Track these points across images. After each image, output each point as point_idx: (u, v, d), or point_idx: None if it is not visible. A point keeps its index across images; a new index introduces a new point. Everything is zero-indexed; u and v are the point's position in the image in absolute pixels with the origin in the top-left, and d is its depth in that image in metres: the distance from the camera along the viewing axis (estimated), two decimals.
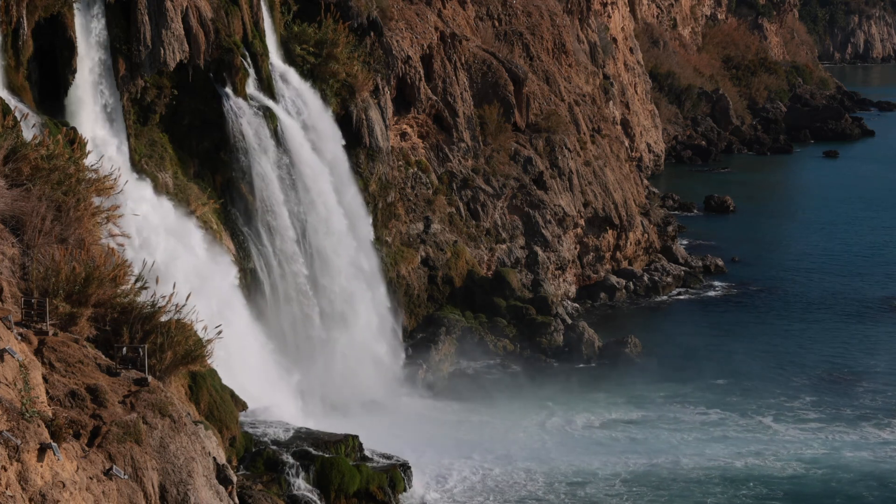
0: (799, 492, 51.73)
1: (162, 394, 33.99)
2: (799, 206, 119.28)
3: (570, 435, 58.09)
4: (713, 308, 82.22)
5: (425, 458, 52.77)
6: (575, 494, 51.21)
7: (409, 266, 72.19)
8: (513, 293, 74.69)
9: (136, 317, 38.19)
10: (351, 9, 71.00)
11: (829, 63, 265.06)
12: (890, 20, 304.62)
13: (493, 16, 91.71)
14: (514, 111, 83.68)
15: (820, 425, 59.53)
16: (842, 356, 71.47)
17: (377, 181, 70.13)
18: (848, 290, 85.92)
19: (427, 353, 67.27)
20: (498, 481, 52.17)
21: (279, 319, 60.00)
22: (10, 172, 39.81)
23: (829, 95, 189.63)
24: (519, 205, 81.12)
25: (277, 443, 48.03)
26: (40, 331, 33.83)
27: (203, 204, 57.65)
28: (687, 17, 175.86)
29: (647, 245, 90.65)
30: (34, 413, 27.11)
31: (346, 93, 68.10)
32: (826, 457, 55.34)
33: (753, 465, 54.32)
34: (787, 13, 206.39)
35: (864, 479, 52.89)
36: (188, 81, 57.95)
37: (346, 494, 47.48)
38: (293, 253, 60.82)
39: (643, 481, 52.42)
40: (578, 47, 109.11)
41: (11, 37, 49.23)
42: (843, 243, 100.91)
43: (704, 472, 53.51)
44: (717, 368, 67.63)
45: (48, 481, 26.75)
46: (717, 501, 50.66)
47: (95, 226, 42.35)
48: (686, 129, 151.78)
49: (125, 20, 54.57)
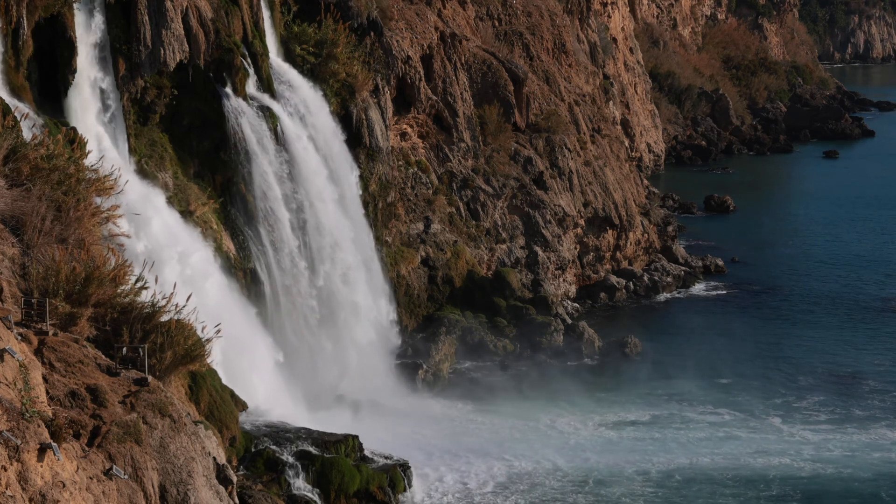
0: (816, 492, 51.60)
1: (162, 394, 33.99)
2: (799, 206, 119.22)
3: (575, 435, 57.93)
4: (713, 308, 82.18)
5: (425, 459, 52.75)
6: (595, 494, 50.95)
7: (409, 266, 72.20)
8: (513, 293, 74.68)
9: (136, 317, 38.19)
10: (351, 9, 71.03)
11: (829, 63, 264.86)
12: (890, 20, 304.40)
13: (493, 16, 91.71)
14: (514, 111, 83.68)
15: (831, 426, 59.37)
16: (845, 356, 71.41)
17: (377, 181, 70.13)
18: (848, 290, 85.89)
19: (427, 353, 67.26)
20: (501, 482, 52.03)
21: (279, 319, 59.98)
22: (10, 172, 39.82)
23: (829, 95, 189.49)
24: (519, 205, 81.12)
25: (277, 443, 48.03)
26: (40, 331, 33.82)
27: (203, 204, 57.65)
28: (687, 17, 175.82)
29: (647, 245, 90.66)
30: (34, 413, 27.10)
31: (346, 93, 68.11)
32: (841, 458, 55.10)
33: (769, 465, 54.17)
34: (787, 13, 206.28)
35: (880, 480, 52.76)
36: (188, 81, 57.94)
37: (346, 494, 47.50)
38: (293, 253, 60.80)
39: (659, 482, 52.29)
40: (578, 47, 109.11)
41: (11, 37, 49.22)
42: (844, 243, 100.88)
43: (719, 472, 53.34)
44: (719, 368, 67.57)
45: (48, 481, 26.75)
46: (738, 501, 50.55)
47: (95, 226, 42.35)
48: (686, 129, 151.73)
49: (125, 20, 54.56)
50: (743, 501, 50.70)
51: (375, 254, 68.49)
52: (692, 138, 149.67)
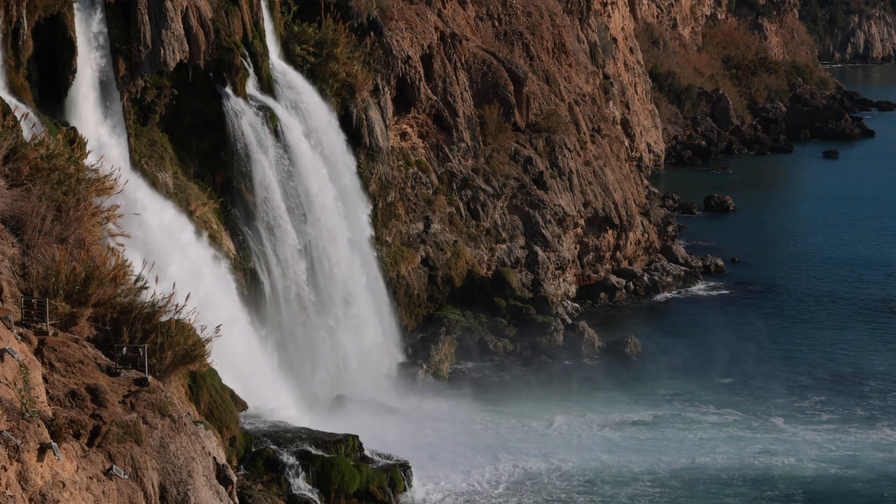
0: (820, 492, 51.56)
1: (162, 394, 33.98)
2: (799, 206, 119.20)
3: (576, 435, 57.85)
4: (713, 308, 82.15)
5: (425, 459, 52.69)
6: (601, 495, 50.88)
7: (409, 266, 72.19)
8: (513, 293, 74.67)
9: (136, 317, 38.17)
10: (351, 9, 71.02)
11: (829, 63, 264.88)
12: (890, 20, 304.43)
13: (493, 16, 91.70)
14: (514, 111, 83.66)
15: (833, 426, 59.32)
16: (845, 356, 71.39)
17: (377, 181, 70.12)
18: (848, 290, 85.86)
19: (427, 353, 67.25)
20: (503, 482, 51.95)
21: (279, 318, 59.96)
22: (10, 172, 39.82)
23: (829, 95, 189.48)
24: (519, 205, 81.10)
25: (277, 443, 48.00)
26: (40, 331, 33.81)
27: (203, 204, 57.64)
28: (687, 17, 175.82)
29: (647, 245, 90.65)
30: (34, 413, 27.09)
31: (346, 93, 68.11)
32: (844, 458, 55.05)
33: (772, 465, 54.14)
34: (787, 13, 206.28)
35: (883, 480, 52.70)
36: (188, 81, 57.94)
37: (346, 494, 47.47)
38: (293, 252, 60.79)
39: (664, 482, 52.21)
40: (578, 47, 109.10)
41: (11, 37, 49.22)
42: (844, 243, 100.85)
43: (724, 472, 53.28)
44: (720, 368, 67.56)
45: (48, 481, 26.74)
46: (742, 501, 50.54)
47: (95, 226, 42.34)
48: (686, 129, 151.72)
49: (125, 20, 54.56)
50: (748, 501, 50.65)
51: (375, 253, 68.47)
52: (692, 138, 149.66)
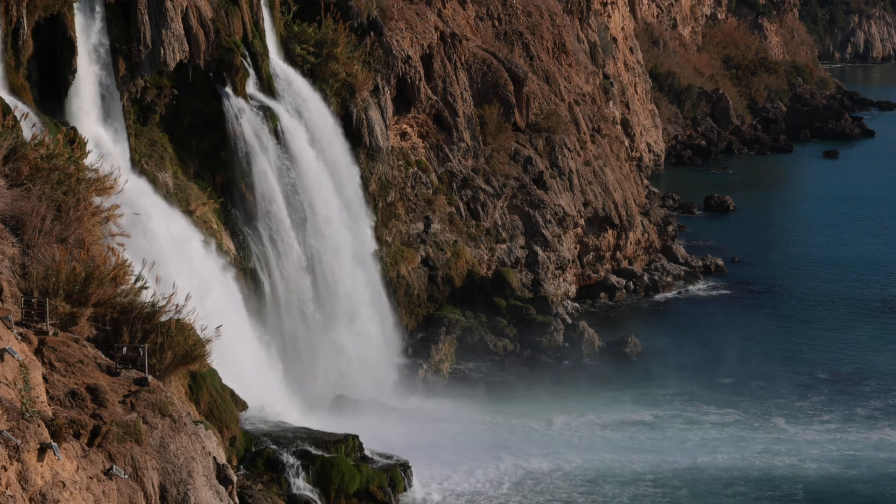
0: (821, 492, 51.57)
1: (162, 394, 33.97)
2: (799, 206, 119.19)
3: (577, 435, 57.83)
4: (713, 308, 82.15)
5: (425, 459, 52.65)
6: (601, 495, 50.85)
7: (409, 266, 72.18)
8: (513, 293, 74.65)
9: (136, 316, 38.18)
10: (351, 8, 71.02)
11: (829, 63, 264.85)
12: (890, 20, 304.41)
13: (493, 16, 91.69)
14: (514, 111, 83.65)
15: (834, 426, 59.35)
16: (845, 356, 71.38)
17: (377, 181, 70.13)
18: (848, 290, 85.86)
19: (427, 353, 67.25)
20: (503, 482, 51.91)
21: (279, 318, 59.96)
22: (10, 172, 39.82)
23: (829, 95, 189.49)
24: (519, 205, 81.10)
25: (277, 443, 48.01)
26: (40, 331, 33.81)
27: (203, 204, 57.63)
28: (687, 17, 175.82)
29: (647, 245, 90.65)
30: (34, 413, 27.09)
31: (346, 93, 68.10)
32: (845, 458, 55.05)
33: (774, 465, 54.17)
34: (787, 13, 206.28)
35: (884, 480, 52.71)
36: (188, 81, 57.94)
37: (346, 494, 47.47)
38: (293, 252, 60.79)
39: (665, 482, 52.21)
40: (578, 47, 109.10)
41: (11, 37, 49.21)
42: (844, 243, 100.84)
43: (726, 472, 53.31)
44: (721, 368, 67.53)
45: (48, 481, 26.73)
46: (743, 501, 50.53)
47: (95, 226, 42.34)
48: (686, 129, 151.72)
49: (125, 20, 54.56)
50: (749, 501, 50.65)
51: (375, 253, 68.47)
52: (692, 138, 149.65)
